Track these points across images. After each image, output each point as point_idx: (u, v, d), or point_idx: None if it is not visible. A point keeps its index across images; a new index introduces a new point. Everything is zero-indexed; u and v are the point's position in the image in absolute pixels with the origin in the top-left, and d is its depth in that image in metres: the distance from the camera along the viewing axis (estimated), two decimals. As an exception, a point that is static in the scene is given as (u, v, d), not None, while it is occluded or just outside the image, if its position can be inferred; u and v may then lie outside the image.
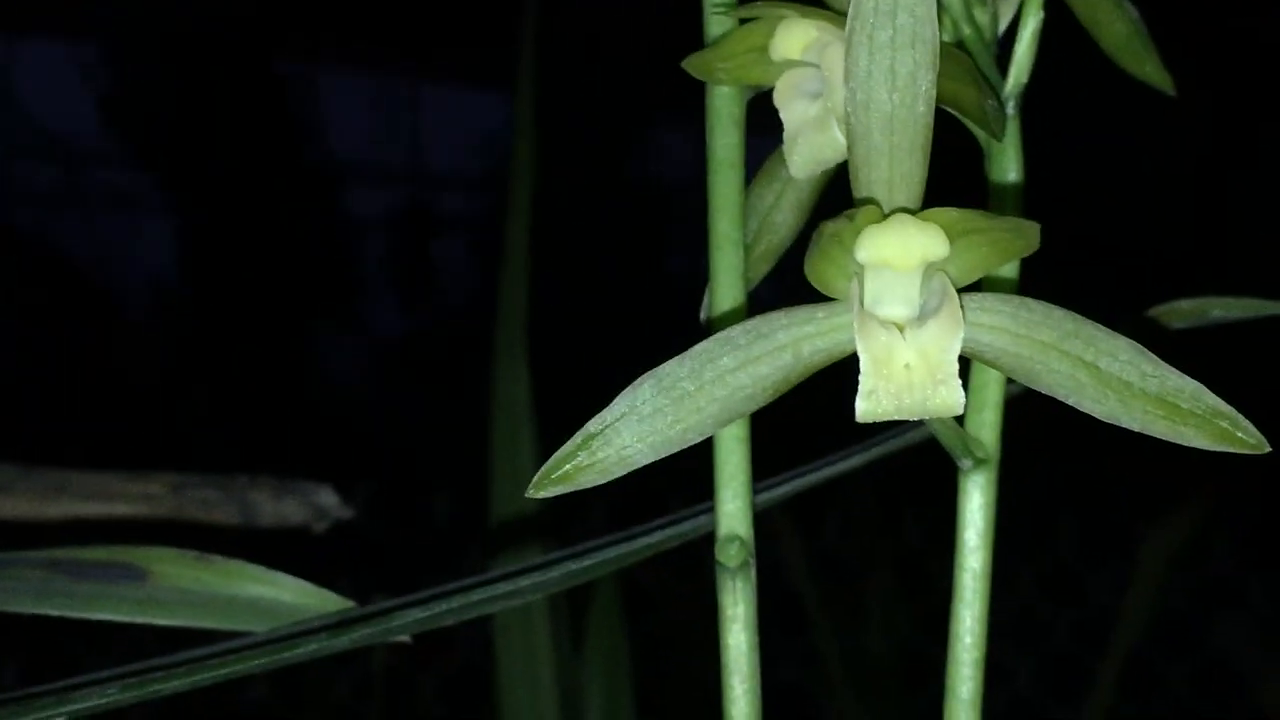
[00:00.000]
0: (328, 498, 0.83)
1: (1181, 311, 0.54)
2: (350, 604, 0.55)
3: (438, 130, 4.41)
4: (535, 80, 1.26)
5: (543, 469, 0.41)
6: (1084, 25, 0.50)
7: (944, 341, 0.39)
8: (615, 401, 0.41)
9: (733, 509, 0.47)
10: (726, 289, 0.48)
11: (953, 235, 0.39)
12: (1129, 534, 1.81)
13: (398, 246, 4.47)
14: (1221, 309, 0.54)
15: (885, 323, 0.39)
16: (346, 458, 3.23)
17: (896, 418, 0.39)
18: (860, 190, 0.40)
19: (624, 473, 0.41)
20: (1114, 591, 1.90)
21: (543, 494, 0.41)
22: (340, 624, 0.50)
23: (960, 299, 0.40)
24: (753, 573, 0.47)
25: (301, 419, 3.82)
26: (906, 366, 0.39)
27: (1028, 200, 0.47)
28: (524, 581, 0.50)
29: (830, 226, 0.39)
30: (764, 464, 0.52)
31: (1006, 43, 0.49)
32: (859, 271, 0.40)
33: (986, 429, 0.47)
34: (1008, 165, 0.46)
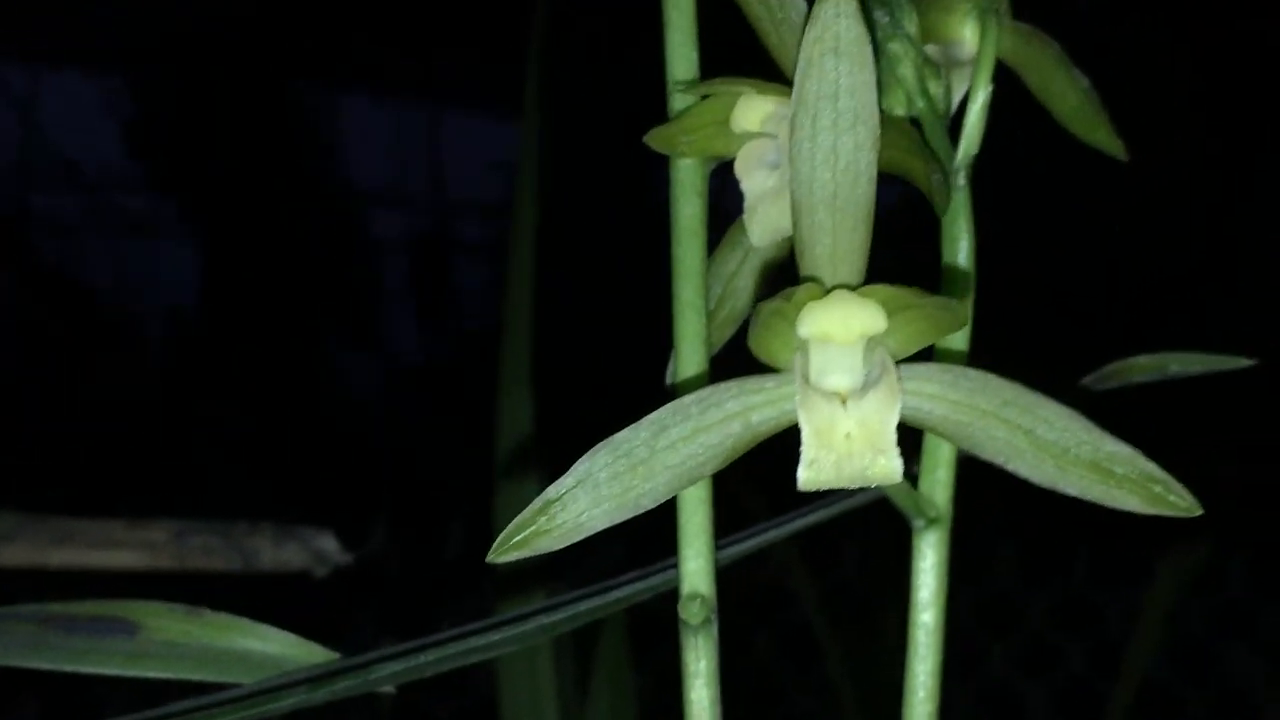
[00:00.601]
0: (328, 543, 0.84)
1: (1140, 367, 0.56)
2: (334, 656, 0.57)
3: (457, 155, 4.43)
4: (541, 108, 1.28)
5: (503, 534, 0.43)
6: (1036, 96, 0.51)
7: (883, 412, 0.41)
8: (572, 469, 0.42)
9: (695, 567, 0.48)
10: (690, 355, 0.49)
11: (890, 310, 0.41)
12: (1143, 562, 1.82)
13: (417, 271, 4.49)
14: (1179, 364, 0.55)
15: (828, 394, 0.41)
16: (364, 483, 3.25)
17: (837, 486, 0.41)
18: (805, 265, 0.42)
19: (581, 538, 0.43)
20: (1128, 619, 1.90)
21: (503, 559, 0.43)
22: (320, 677, 0.52)
23: (901, 369, 0.42)
24: (714, 629, 0.48)
25: (321, 443, 3.84)
26: (847, 436, 0.41)
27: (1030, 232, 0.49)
28: (495, 636, 0.52)
29: (770, 305, 0.40)
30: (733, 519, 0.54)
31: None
32: (802, 345, 0.41)
33: (939, 488, 0.48)
34: (958, 234, 0.48)
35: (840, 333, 0.41)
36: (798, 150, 0.41)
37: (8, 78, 4.00)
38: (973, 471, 0.48)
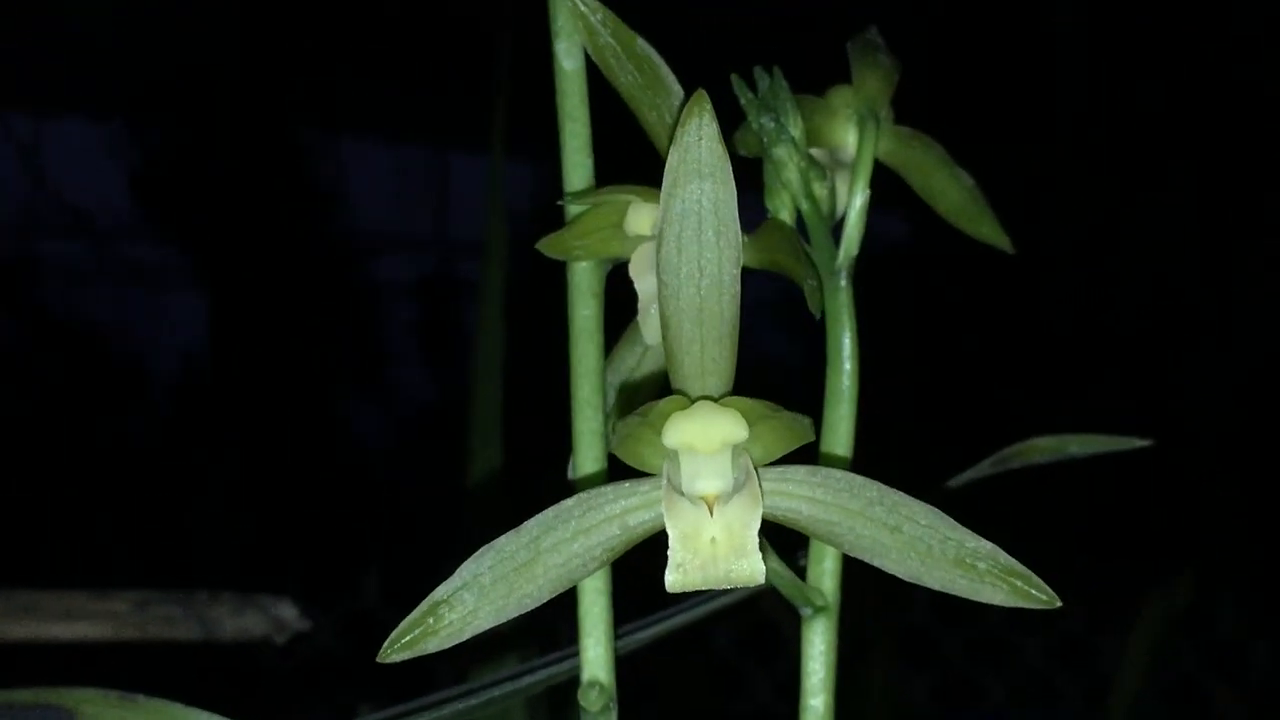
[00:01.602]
0: (287, 611, 0.86)
1: (1041, 448, 0.58)
2: (265, 737, 0.58)
3: (464, 198, 4.45)
4: (506, 151, 1.29)
5: (393, 635, 0.45)
6: (920, 195, 0.53)
7: (746, 517, 0.43)
8: (459, 571, 0.44)
9: (594, 656, 0.50)
10: (587, 451, 0.51)
11: (751, 420, 0.43)
12: (1131, 600, 1.83)
13: (425, 314, 4.51)
14: (1079, 445, 0.57)
15: (694, 500, 0.43)
16: (365, 531, 3.27)
17: (703, 588, 0.43)
18: (674, 375, 0.44)
19: (470, 637, 0.45)
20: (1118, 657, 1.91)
21: (392, 659, 0.45)
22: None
23: (772, 472, 0.44)
24: (614, 716, 0.50)
25: (330, 488, 3.86)
26: (712, 541, 0.43)
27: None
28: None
29: (633, 421, 0.42)
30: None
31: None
32: (670, 454, 0.43)
33: (827, 578, 0.50)
34: (840, 333, 0.50)
35: (703, 442, 0.43)
36: (664, 266, 0.43)
37: (12, 124, 4.04)
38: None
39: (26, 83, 3.92)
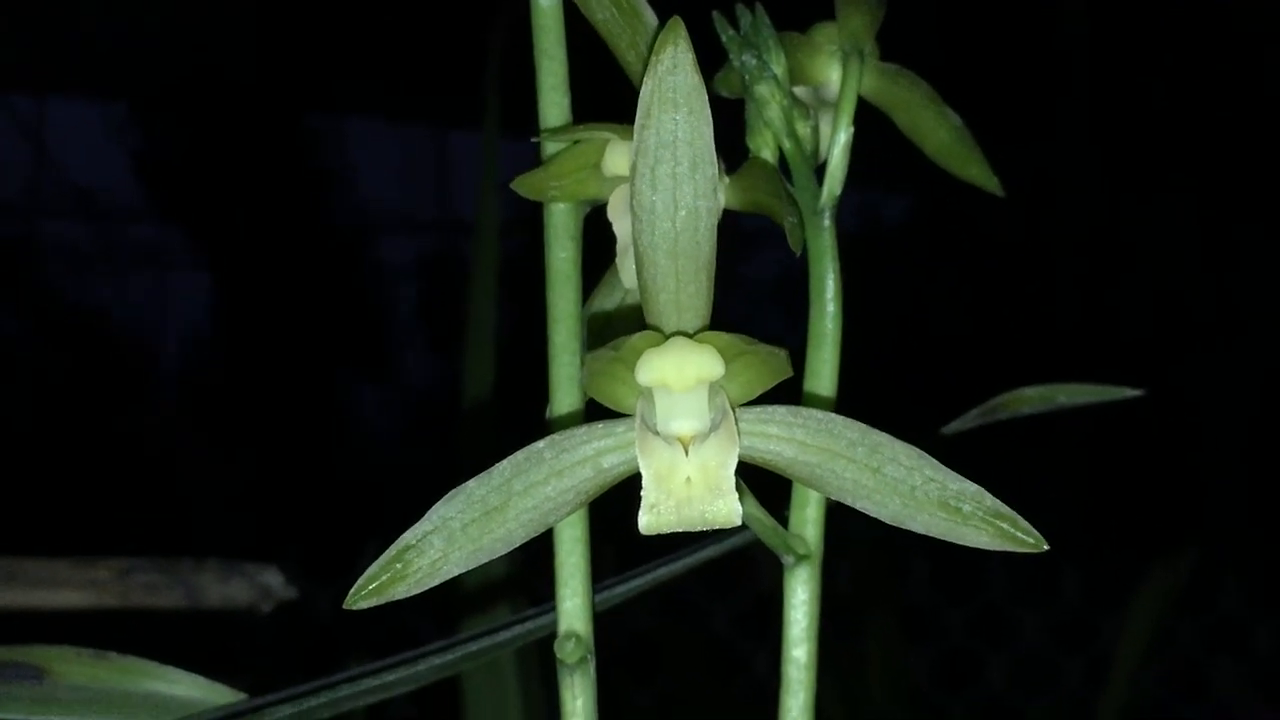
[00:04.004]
0: (273, 578, 0.85)
1: (1028, 399, 0.56)
2: (241, 696, 0.57)
3: (465, 177, 4.44)
4: (502, 124, 1.28)
5: (359, 581, 0.43)
6: (906, 134, 0.52)
7: (722, 456, 0.41)
8: (428, 515, 0.43)
9: (571, 606, 0.49)
10: (564, 395, 0.50)
11: (728, 357, 0.42)
12: (1131, 577, 1.82)
13: (429, 294, 4.50)
14: (1067, 395, 0.56)
15: (669, 439, 0.42)
16: (374, 508, 3.26)
17: (678, 530, 0.41)
18: (649, 312, 0.42)
19: (438, 583, 0.43)
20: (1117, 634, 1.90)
21: (360, 606, 0.43)
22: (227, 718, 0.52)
23: (751, 412, 0.43)
24: (591, 667, 0.49)
25: (334, 468, 3.85)
26: (687, 481, 0.41)
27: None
28: (390, 676, 0.52)
29: (605, 354, 0.41)
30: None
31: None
32: (644, 392, 0.42)
33: (809, 525, 0.49)
34: (824, 273, 0.49)
35: (677, 379, 0.41)
36: (638, 200, 0.41)
37: (16, 106, 4.03)
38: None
39: (30, 64, 3.91)
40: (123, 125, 4.10)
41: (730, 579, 2.26)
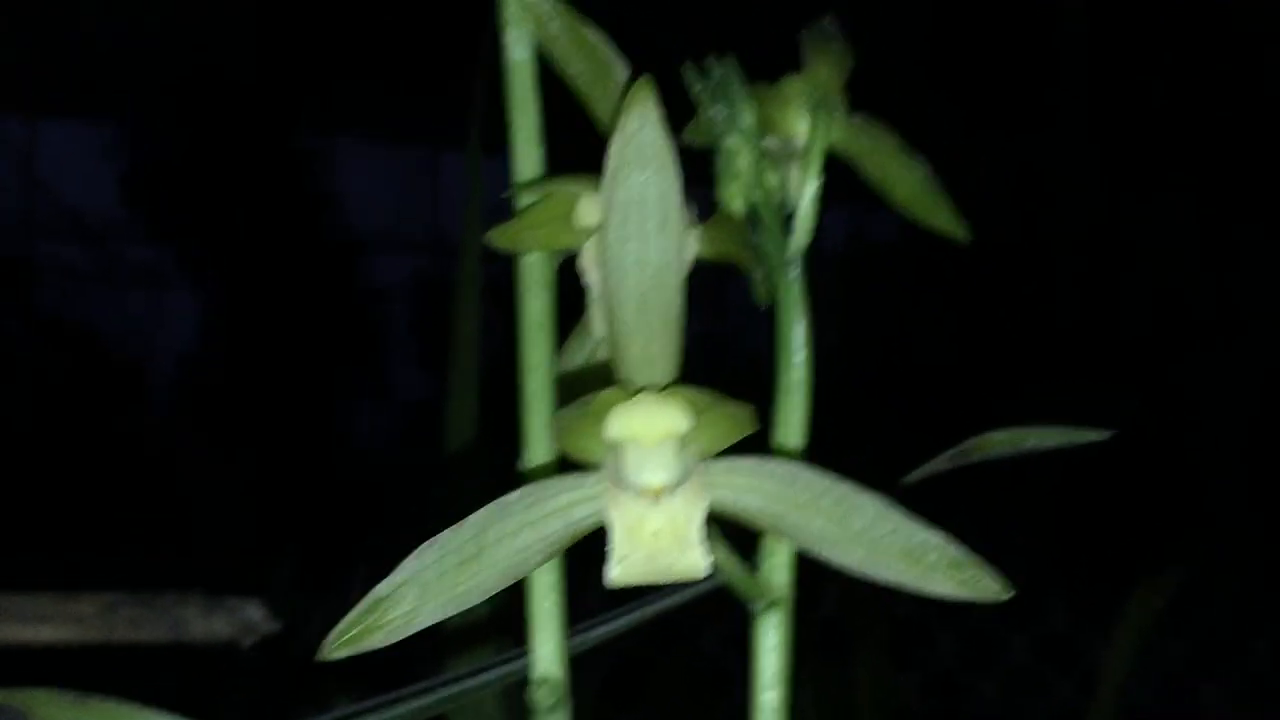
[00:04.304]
0: (255, 612, 0.86)
1: (997, 442, 0.57)
2: (221, 736, 0.58)
3: (458, 198, 4.44)
4: (483, 148, 1.28)
5: (335, 631, 0.44)
6: (873, 184, 0.53)
7: (689, 509, 0.42)
8: (401, 566, 0.44)
9: (545, 653, 0.50)
10: (538, 445, 0.51)
11: (695, 411, 0.42)
12: (1118, 597, 1.83)
13: (420, 314, 4.51)
14: (1036, 439, 0.56)
15: (639, 492, 0.42)
16: (366, 525, 3.26)
17: (646, 581, 0.42)
18: (618, 367, 0.43)
19: (412, 633, 0.44)
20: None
21: (334, 656, 0.44)
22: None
23: (719, 464, 0.44)
24: (566, 713, 0.50)
25: (326, 483, 3.86)
26: (655, 534, 0.42)
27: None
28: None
29: (573, 413, 0.42)
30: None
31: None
32: (613, 446, 0.43)
33: (779, 571, 0.49)
34: (791, 323, 0.49)
35: (645, 434, 0.42)
36: (608, 257, 0.42)
37: (7, 127, 4.03)
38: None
39: (22, 86, 3.92)
40: (115, 147, 4.11)
41: (719, 601, 2.26)
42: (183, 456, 3.87)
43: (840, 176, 0.53)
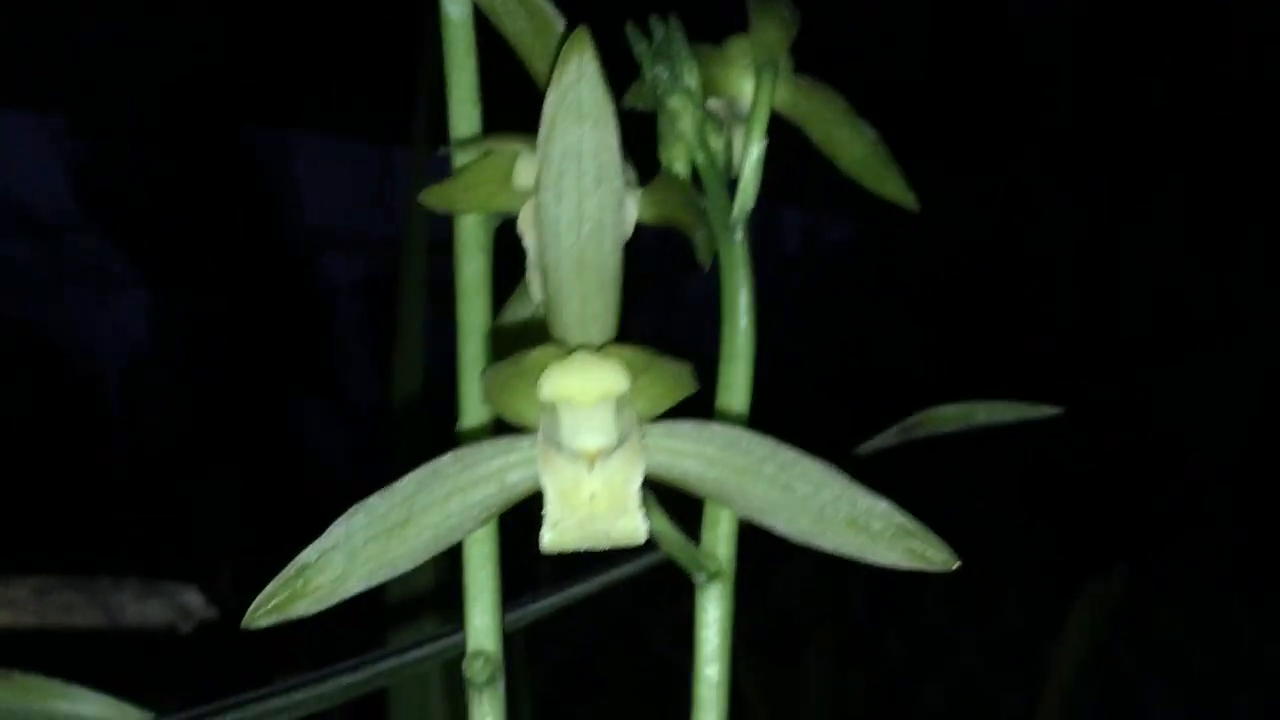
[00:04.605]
0: (193, 598, 0.84)
1: (946, 417, 0.56)
2: (148, 716, 0.56)
3: (414, 195, 4.41)
4: (431, 143, 1.27)
5: (258, 599, 0.42)
6: (820, 149, 0.52)
7: (627, 472, 0.41)
8: (328, 532, 0.42)
9: (480, 625, 0.48)
10: (473, 409, 0.50)
11: (634, 371, 0.41)
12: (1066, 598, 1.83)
13: (376, 313, 4.48)
14: (986, 414, 0.56)
15: (573, 455, 0.41)
16: (316, 527, 3.24)
17: (582, 548, 0.41)
18: (554, 326, 0.42)
19: (339, 600, 0.43)
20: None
21: (259, 624, 0.42)
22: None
23: (658, 427, 0.42)
24: (501, 686, 0.48)
25: (277, 483, 3.83)
26: (591, 498, 0.41)
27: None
28: (299, 695, 0.52)
29: (506, 368, 0.40)
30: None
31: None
32: (548, 407, 0.41)
33: (721, 542, 0.48)
34: (736, 288, 0.48)
35: (581, 394, 0.41)
36: (543, 213, 0.41)
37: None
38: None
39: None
40: (61, 139, 4.07)
41: (670, 592, 2.26)
42: (127, 453, 3.84)
43: (794, 179, 0.51)
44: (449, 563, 0.50)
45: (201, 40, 3.81)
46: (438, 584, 1.07)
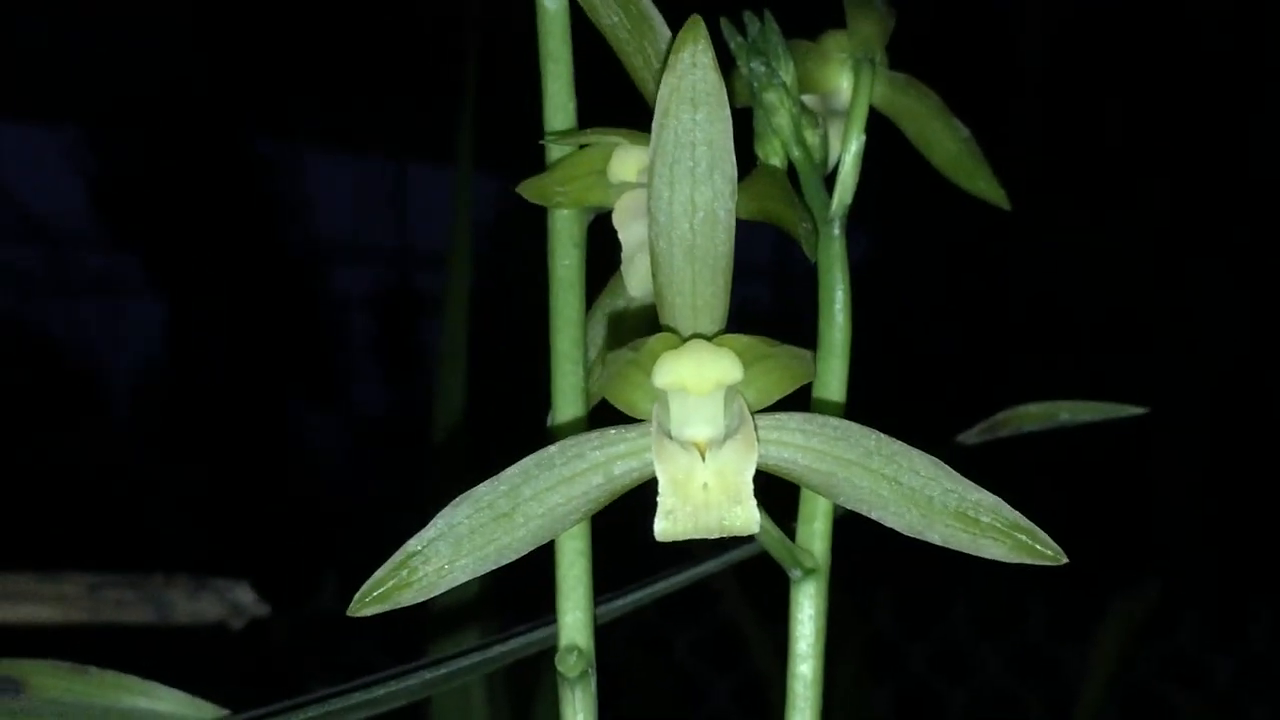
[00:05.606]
0: (244, 595, 0.84)
1: (1031, 415, 0.56)
2: (224, 713, 0.56)
3: (424, 210, 4.42)
4: (475, 157, 1.27)
5: (364, 587, 0.42)
6: (914, 144, 0.51)
7: (740, 463, 0.41)
8: (434, 521, 0.42)
9: (572, 620, 0.48)
10: (567, 403, 0.49)
11: (747, 361, 0.41)
12: (1095, 610, 1.82)
13: (385, 326, 4.48)
14: (1069, 412, 0.55)
15: (686, 444, 0.41)
16: (323, 538, 3.24)
17: (695, 537, 0.41)
18: (664, 315, 0.42)
19: (445, 590, 0.42)
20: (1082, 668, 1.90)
21: (363, 613, 0.42)
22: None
23: (765, 419, 0.42)
24: (593, 682, 0.48)
25: (286, 499, 3.82)
26: (704, 487, 0.40)
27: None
28: (380, 691, 0.51)
29: (623, 356, 0.40)
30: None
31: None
32: (660, 396, 0.41)
33: (817, 539, 0.48)
34: (833, 284, 0.48)
35: (695, 383, 0.40)
36: (656, 201, 0.41)
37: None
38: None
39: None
40: (77, 152, 4.07)
41: (690, 609, 2.26)
42: (138, 465, 3.83)
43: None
44: (494, 573, 0.49)
45: (215, 55, 3.81)
46: (481, 593, 1.07)
